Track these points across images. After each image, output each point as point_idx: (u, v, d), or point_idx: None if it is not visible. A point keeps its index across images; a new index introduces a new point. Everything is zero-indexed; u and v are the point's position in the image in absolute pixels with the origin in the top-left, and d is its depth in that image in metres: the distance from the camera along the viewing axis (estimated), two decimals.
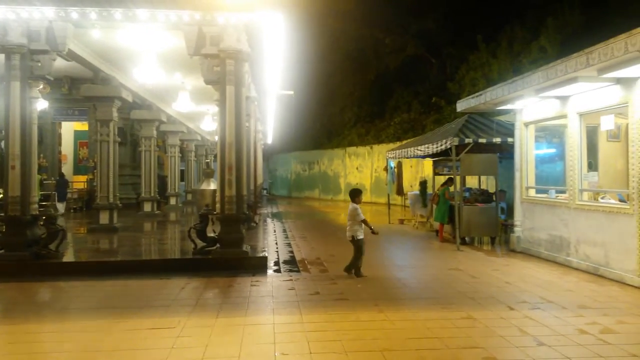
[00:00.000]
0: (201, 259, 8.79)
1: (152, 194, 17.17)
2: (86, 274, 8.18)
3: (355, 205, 8.38)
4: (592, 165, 9.53)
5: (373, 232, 8.37)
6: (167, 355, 4.78)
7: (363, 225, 8.31)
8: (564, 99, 9.25)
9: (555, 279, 8.10)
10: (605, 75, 7.46)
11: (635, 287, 7.39)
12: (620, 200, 8.25)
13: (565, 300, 6.76)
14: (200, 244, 9.03)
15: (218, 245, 8.91)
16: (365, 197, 29.06)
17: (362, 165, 29.93)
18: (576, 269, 8.78)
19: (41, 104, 12.63)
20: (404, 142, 20.85)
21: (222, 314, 6.11)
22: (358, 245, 8.27)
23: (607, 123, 8.41)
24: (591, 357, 4.72)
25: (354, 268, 8.29)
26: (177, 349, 4.96)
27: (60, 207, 17.69)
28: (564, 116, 9.36)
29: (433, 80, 26.47)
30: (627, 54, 6.52)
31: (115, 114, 12.97)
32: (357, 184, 30.15)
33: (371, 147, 29.08)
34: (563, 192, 9.58)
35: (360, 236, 8.28)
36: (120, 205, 13.34)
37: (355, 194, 8.58)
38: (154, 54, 9.75)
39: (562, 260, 9.29)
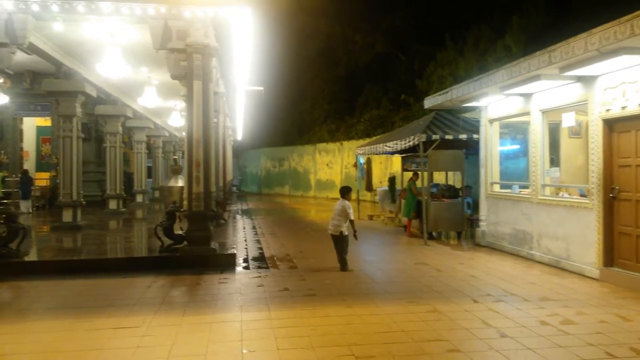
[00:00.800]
0: (168, 257, 8.66)
1: (118, 191, 16.82)
2: (49, 274, 7.97)
3: (347, 202, 8.55)
4: (554, 161, 9.79)
5: (355, 237, 8.52)
6: (132, 354, 4.70)
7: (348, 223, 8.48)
8: (527, 96, 9.47)
9: (518, 272, 8.30)
10: (566, 73, 7.67)
11: (595, 279, 7.65)
12: (581, 195, 8.50)
13: (528, 292, 6.95)
14: (167, 241, 8.90)
15: (186, 242, 8.80)
16: (335, 194, 29.14)
17: (332, 162, 30.01)
18: (539, 262, 9.02)
19: (1, 99, 12.24)
20: (374, 138, 21.00)
21: (188, 312, 6.05)
22: (344, 241, 8.47)
23: (568, 120, 8.65)
24: (551, 348, 4.86)
25: (343, 263, 8.48)
26: (143, 348, 4.89)
27: (25, 205, 17.18)
28: (527, 113, 9.59)
29: (402, 77, 26.69)
30: (586, 52, 6.72)
31: (78, 109, 12.65)
32: (327, 180, 30.25)
33: (341, 144, 29.18)
34: (526, 187, 9.83)
35: (346, 232, 8.48)
36: (84, 202, 13.03)
37: (346, 191, 8.80)
38: (119, 47, 9.52)
39: (525, 254, 9.53)
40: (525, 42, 17.91)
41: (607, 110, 7.50)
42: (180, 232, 8.98)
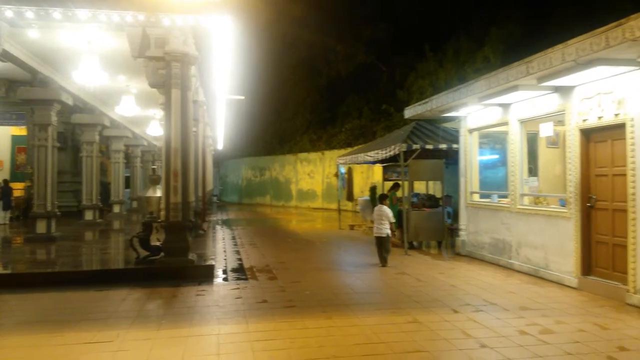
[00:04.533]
0: (144, 269, 8.48)
1: (94, 202, 16.50)
2: (19, 287, 7.71)
3: (385, 207, 9.91)
4: (533, 171, 9.88)
5: (393, 234, 10.05)
6: None
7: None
8: (505, 106, 9.56)
9: (497, 282, 8.31)
10: (544, 84, 7.75)
11: (573, 287, 7.69)
12: (562, 205, 8.55)
13: (507, 302, 6.95)
14: (143, 253, 8.72)
15: (162, 254, 8.63)
16: (317, 203, 29.15)
17: (314, 171, 29.96)
18: (518, 271, 9.05)
19: None
20: (355, 148, 21.03)
21: (164, 326, 5.89)
22: (388, 241, 9.81)
23: (545, 130, 8.73)
24: (531, 358, 4.84)
25: (385, 260, 9.74)
26: None
27: (2, 216, 16.76)
28: (505, 123, 9.68)
29: (383, 87, 26.86)
30: (563, 63, 6.80)
31: (54, 118, 12.41)
32: (308, 190, 30.17)
33: (323, 153, 29.16)
34: (505, 196, 9.88)
35: (390, 233, 9.79)
36: (58, 213, 12.73)
37: (383, 198, 10.34)
38: (96, 55, 9.37)
39: (504, 263, 9.57)
40: (503, 53, 18.17)
41: (584, 120, 7.59)
42: (157, 243, 8.81)
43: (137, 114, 14.70)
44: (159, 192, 12.90)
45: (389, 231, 9.75)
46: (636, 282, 6.61)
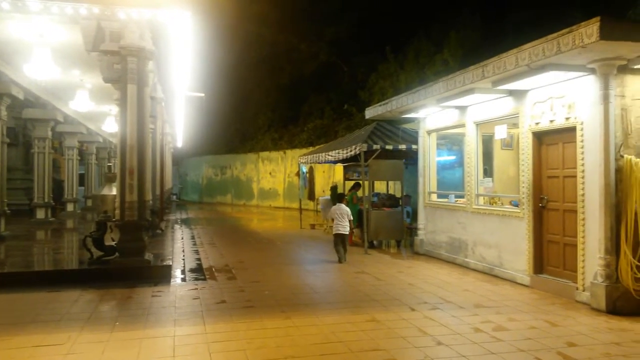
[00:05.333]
0: (98, 269, 8.22)
1: (47, 200, 15.91)
2: None
3: (344, 205, 10.34)
4: (488, 172, 10.14)
5: (353, 230, 10.66)
6: None
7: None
8: (462, 108, 9.77)
9: (454, 280, 8.49)
10: (498, 87, 7.96)
11: (526, 285, 7.93)
12: (515, 206, 8.79)
13: (463, 300, 7.10)
14: (97, 253, 8.46)
15: (117, 254, 8.39)
16: (278, 202, 29.04)
17: (275, 170, 29.84)
18: (473, 270, 9.27)
19: None
20: (317, 147, 21.07)
21: (117, 328, 5.73)
22: (348, 238, 10.27)
23: (500, 132, 8.97)
24: (484, 355, 4.96)
25: (344, 258, 10.11)
26: None
27: None
28: (462, 125, 9.89)
29: (345, 87, 27.00)
30: (517, 67, 7.00)
31: (4, 113, 11.88)
32: (270, 189, 30.03)
33: (284, 152, 29.08)
34: (462, 197, 10.10)
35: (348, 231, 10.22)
36: (8, 211, 12.22)
37: (341, 197, 10.82)
38: (48, 48, 9.02)
39: (460, 262, 9.78)
40: (462, 56, 18.55)
41: (537, 123, 7.84)
42: (112, 243, 8.57)
43: (91, 109, 14.27)
44: (114, 190, 12.55)
45: (349, 229, 10.13)
46: (585, 280, 6.87)
